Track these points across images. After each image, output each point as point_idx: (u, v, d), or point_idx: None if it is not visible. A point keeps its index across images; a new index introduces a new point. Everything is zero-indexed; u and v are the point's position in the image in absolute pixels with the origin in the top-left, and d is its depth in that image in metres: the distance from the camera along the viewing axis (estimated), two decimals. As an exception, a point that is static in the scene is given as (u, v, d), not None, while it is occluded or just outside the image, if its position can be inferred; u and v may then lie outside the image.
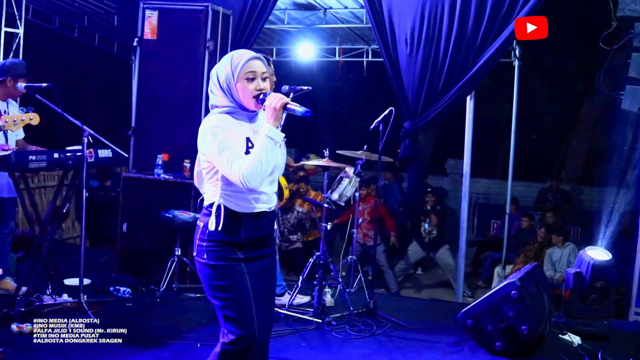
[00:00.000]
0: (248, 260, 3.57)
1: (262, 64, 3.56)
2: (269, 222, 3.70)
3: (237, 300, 3.52)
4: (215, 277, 3.55)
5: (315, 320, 6.13)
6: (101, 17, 12.53)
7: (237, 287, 3.53)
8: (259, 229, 3.62)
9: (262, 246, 3.67)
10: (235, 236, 3.54)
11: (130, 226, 7.45)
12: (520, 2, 7.19)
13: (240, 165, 3.38)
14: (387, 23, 7.74)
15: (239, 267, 3.54)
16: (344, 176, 6.54)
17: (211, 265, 3.54)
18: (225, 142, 3.44)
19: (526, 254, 11.09)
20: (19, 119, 5.47)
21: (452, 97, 7.51)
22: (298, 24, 11.79)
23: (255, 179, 3.39)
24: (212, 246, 3.54)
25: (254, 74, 3.50)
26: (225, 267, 3.53)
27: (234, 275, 3.53)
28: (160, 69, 7.47)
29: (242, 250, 3.56)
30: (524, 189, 14.72)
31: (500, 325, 5.50)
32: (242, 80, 3.50)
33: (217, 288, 3.55)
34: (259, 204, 3.58)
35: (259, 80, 3.51)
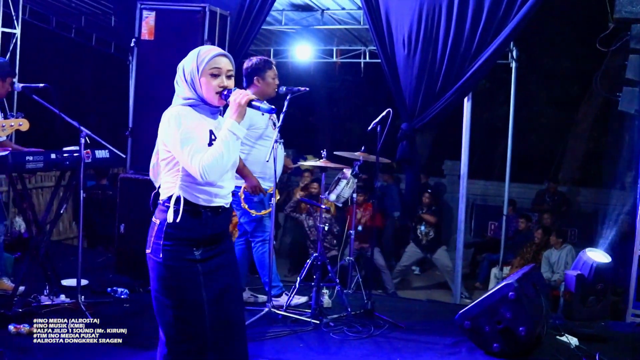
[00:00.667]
0: (204, 260, 3.54)
1: (228, 61, 3.57)
2: (225, 218, 3.70)
3: (189, 302, 3.49)
4: (168, 277, 3.50)
5: (313, 321, 6.12)
6: (98, 18, 12.53)
7: (190, 288, 3.50)
8: (216, 225, 3.60)
9: (217, 242, 3.63)
10: (194, 231, 3.50)
11: (128, 227, 7.44)
12: (517, 4, 7.19)
13: (202, 158, 3.37)
14: (384, 24, 7.74)
15: (194, 268, 3.51)
16: (342, 177, 6.53)
17: (166, 265, 3.49)
18: (189, 133, 3.43)
19: (523, 256, 11.12)
20: (7, 124, 5.46)
21: (450, 99, 7.51)
22: (295, 25, 11.80)
23: (215, 172, 3.39)
24: (168, 245, 3.49)
25: (218, 70, 3.52)
26: (180, 268, 3.49)
27: (188, 276, 3.50)
28: (158, 70, 7.45)
29: (199, 248, 3.52)
30: (521, 190, 14.76)
31: (498, 327, 5.50)
32: (207, 75, 3.51)
33: (169, 288, 3.51)
34: (218, 198, 3.58)
35: (223, 77, 3.53)
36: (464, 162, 8.18)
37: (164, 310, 3.52)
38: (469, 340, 5.78)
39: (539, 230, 11.30)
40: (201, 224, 3.52)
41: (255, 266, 6.68)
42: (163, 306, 3.52)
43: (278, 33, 12.68)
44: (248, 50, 8.23)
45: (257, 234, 6.50)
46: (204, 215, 3.53)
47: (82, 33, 13.44)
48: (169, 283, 3.50)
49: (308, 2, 10.73)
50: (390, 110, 6.42)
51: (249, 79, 6.39)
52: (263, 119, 6.31)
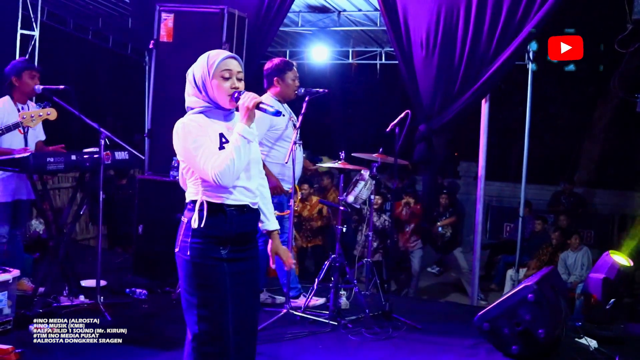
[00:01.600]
0: (230, 260, 3.58)
1: (237, 63, 3.61)
2: (253, 218, 3.73)
3: (215, 300, 3.53)
4: (195, 275, 3.54)
5: (331, 323, 6.13)
6: (115, 20, 12.57)
7: (216, 287, 3.54)
8: (242, 224, 3.63)
9: (246, 244, 3.68)
10: (219, 229, 3.55)
11: (146, 228, 7.47)
12: (536, 6, 7.17)
13: (214, 163, 3.42)
14: (402, 25, 7.73)
15: (221, 267, 3.55)
16: (360, 179, 6.54)
17: (193, 262, 3.54)
18: (198, 141, 3.48)
19: (539, 258, 11.09)
20: (36, 114, 5.51)
21: (468, 100, 7.49)
22: (312, 27, 11.79)
23: (228, 176, 3.43)
24: (196, 243, 3.54)
25: (229, 72, 3.56)
26: (207, 266, 3.54)
27: (215, 274, 3.54)
28: (176, 72, 7.42)
29: (226, 247, 3.57)
30: (537, 191, 14.69)
31: (517, 329, 5.48)
32: (218, 77, 3.55)
33: (196, 286, 3.54)
34: (241, 196, 3.61)
35: (234, 79, 3.57)
36: (482, 163, 8.15)
37: (190, 308, 3.55)
38: (488, 342, 5.76)
39: (555, 232, 11.26)
40: (226, 221, 3.55)
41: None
42: (190, 304, 3.56)
43: (294, 35, 12.68)
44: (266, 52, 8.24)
45: (275, 236, 6.49)
46: (229, 214, 3.56)
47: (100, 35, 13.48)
48: (196, 281, 3.54)
49: (324, 3, 10.73)
50: (409, 112, 6.41)
51: (269, 80, 6.42)
52: (283, 119, 6.34)
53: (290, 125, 6.39)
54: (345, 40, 13.20)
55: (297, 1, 9.74)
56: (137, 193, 7.69)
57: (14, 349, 4.89)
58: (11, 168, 5.67)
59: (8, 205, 6.27)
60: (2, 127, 5.47)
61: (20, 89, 6.26)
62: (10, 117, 6.09)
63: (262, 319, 5.77)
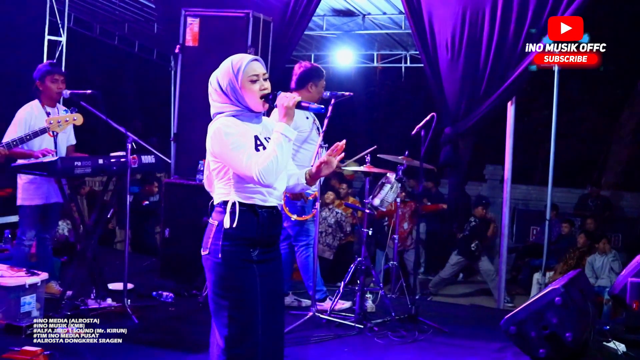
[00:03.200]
0: (260, 262, 3.60)
1: (261, 65, 3.65)
2: (279, 220, 3.77)
3: (246, 302, 3.53)
4: (226, 278, 3.55)
5: (357, 326, 6.11)
6: (141, 25, 12.68)
7: (247, 288, 3.55)
8: (271, 225, 3.66)
9: (272, 246, 3.71)
10: (251, 231, 3.57)
11: (173, 231, 7.51)
12: (562, 7, 7.14)
13: (257, 162, 3.43)
14: (427, 28, 7.73)
15: (251, 270, 3.57)
16: (386, 182, 6.52)
17: (225, 265, 3.54)
18: (238, 141, 3.51)
19: (566, 261, 11.01)
20: (62, 119, 5.55)
21: (494, 103, 7.47)
22: (336, 30, 11.83)
23: (271, 174, 3.45)
24: (227, 245, 3.54)
25: (256, 75, 3.59)
26: (238, 268, 3.55)
27: (246, 276, 3.56)
28: (202, 76, 7.42)
29: (256, 249, 3.58)
30: (564, 195, 14.58)
31: (544, 332, 5.44)
32: (246, 82, 3.57)
33: (227, 288, 3.55)
34: (272, 197, 3.65)
35: (262, 81, 3.60)
36: (508, 166, 8.10)
37: (220, 311, 3.55)
38: (515, 346, 5.71)
39: (582, 235, 11.18)
40: (258, 223, 3.58)
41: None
42: (220, 307, 3.55)
43: (319, 38, 12.71)
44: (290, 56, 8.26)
45: (300, 238, 6.52)
46: (261, 215, 3.58)
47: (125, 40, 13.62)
48: (227, 283, 3.55)
49: (349, 7, 10.76)
50: (435, 115, 6.39)
51: (302, 83, 6.39)
52: (307, 122, 6.35)
53: (314, 128, 6.41)
54: (370, 44, 13.22)
55: (322, 5, 9.76)
56: (163, 197, 7.73)
57: (42, 351, 4.92)
58: (39, 172, 5.72)
59: (38, 208, 6.33)
60: (30, 132, 5.52)
61: (45, 93, 6.30)
62: (38, 121, 6.14)
63: (288, 322, 5.76)
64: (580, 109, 18.11)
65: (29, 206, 6.28)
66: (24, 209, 6.32)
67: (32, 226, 6.35)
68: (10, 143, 5.26)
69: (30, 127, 6.10)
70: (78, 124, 5.73)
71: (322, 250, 10.65)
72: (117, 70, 16.50)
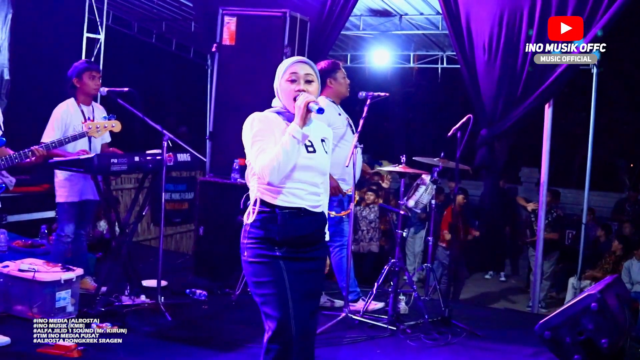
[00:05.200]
0: (287, 258, 3.56)
1: (307, 66, 3.68)
2: (312, 222, 3.68)
3: (275, 296, 3.52)
4: (254, 274, 3.58)
5: (389, 328, 6.09)
6: (178, 24, 12.75)
7: (274, 283, 3.53)
8: (300, 227, 3.61)
9: (304, 247, 3.65)
10: (272, 232, 3.55)
11: (207, 229, 7.54)
12: (602, 8, 7.05)
13: (262, 158, 3.47)
14: (464, 29, 7.67)
15: (277, 264, 3.54)
16: (420, 183, 6.50)
17: (251, 261, 3.58)
18: (260, 135, 3.55)
19: (602, 266, 10.88)
20: (101, 125, 5.59)
21: (531, 105, 7.39)
22: (373, 30, 11.79)
23: (273, 173, 3.44)
24: (251, 243, 3.58)
25: (295, 75, 3.63)
26: (264, 263, 3.55)
27: (272, 271, 3.54)
28: (238, 75, 7.54)
29: (282, 248, 3.56)
30: (601, 198, 14.44)
31: (579, 338, 5.37)
32: (286, 82, 3.64)
33: (257, 285, 3.58)
34: (297, 199, 3.59)
35: (301, 82, 3.63)
36: (545, 169, 8.01)
37: (260, 306, 3.59)
38: (549, 351, 5.64)
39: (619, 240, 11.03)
40: (280, 225, 3.55)
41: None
42: (258, 303, 3.60)
43: (355, 38, 12.68)
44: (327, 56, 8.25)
45: (335, 239, 6.51)
46: (281, 217, 3.55)
47: (163, 38, 13.69)
48: (254, 280, 3.59)
49: (386, 7, 10.72)
50: (471, 117, 6.35)
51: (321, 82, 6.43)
52: (340, 119, 6.37)
53: (347, 127, 6.41)
54: (407, 44, 13.16)
55: (359, 5, 9.74)
56: (198, 195, 7.76)
57: (76, 346, 4.96)
58: (75, 169, 5.79)
59: (75, 204, 6.39)
60: (70, 136, 5.56)
61: (82, 90, 6.36)
62: (74, 119, 6.21)
63: (321, 322, 5.77)
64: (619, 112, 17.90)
65: (67, 203, 6.36)
66: (62, 205, 6.39)
67: (70, 222, 6.42)
68: (49, 145, 5.30)
69: (67, 125, 6.17)
70: (116, 131, 5.78)
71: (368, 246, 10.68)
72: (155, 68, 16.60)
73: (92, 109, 6.47)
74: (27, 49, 8.07)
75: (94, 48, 9.32)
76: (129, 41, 13.35)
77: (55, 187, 6.40)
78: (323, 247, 3.80)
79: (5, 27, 7.84)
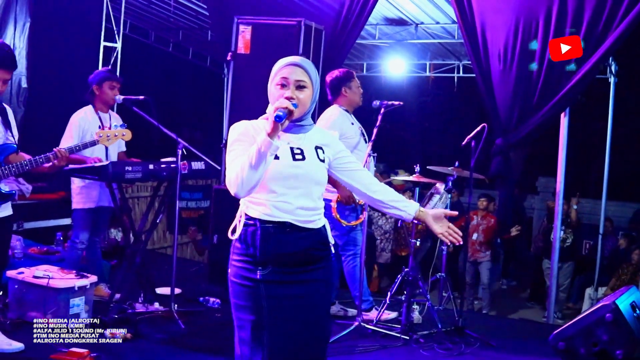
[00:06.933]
0: (270, 282, 3.20)
1: (300, 70, 3.32)
2: (300, 239, 3.28)
3: (252, 323, 3.18)
4: (234, 295, 3.28)
5: (402, 337, 6.07)
6: (195, 32, 12.82)
7: (252, 309, 3.19)
8: (280, 245, 3.23)
9: (293, 267, 3.27)
10: (254, 248, 3.21)
11: (221, 238, 7.55)
12: (618, 18, 7.02)
13: (230, 171, 3.17)
14: (480, 38, 7.65)
15: (256, 289, 3.20)
16: (435, 192, 6.49)
17: (232, 281, 3.28)
18: (235, 144, 3.26)
19: (619, 277, 10.82)
20: (112, 134, 5.61)
21: (547, 114, 7.35)
22: (389, 39, 11.79)
23: (238, 186, 3.10)
24: (235, 260, 3.29)
25: (285, 80, 3.28)
26: (244, 286, 3.22)
27: (250, 296, 3.20)
28: (253, 83, 7.51)
29: (266, 267, 3.21)
30: (618, 208, 14.36)
31: (594, 349, 5.33)
32: (275, 86, 3.32)
33: (235, 306, 3.27)
34: (281, 212, 3.23)
35: (292, 88, 3.27)
36: (561, 179, 7.97)
37: (235, 327, 3.33)
38: (563, 362, 5.63)
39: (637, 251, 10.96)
40: (262, 240, 3.22)
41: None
42: (235, 323, 3.33)
43: (371, 47, 12.70)
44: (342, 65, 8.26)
45: (348, 248, 6.51)
46: (262, 231, 3.22)
47: (179, 47, 13.78)
48: (233, 301, 3.28)
49: (402, 16, 10.73)
50: (486, 126, 6.33)
51: (335, 91, 6.51)
52: (353, 128, 6.39)
53: (360, 136, 6.43)
54: (423, 53, 13.17)
55: (375, 14, 9.75)
56: (212, 203, 7.78)
57: (89, 353, 4.98)
58: (90, 176, 5.84)
59: (90, 211, 6.44)
60: (80, 143, 5.59)
61: (100, 98, 6.43)
62: (91, 126, 6.27)
63: (334, 331, 5.75)
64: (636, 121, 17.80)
65: (82, 209, 6.41)
66: (78, 212, 6.44)
67: (85, 229, 6.47)
68: (72, 148, 5.33)
69: (84, 131, 6.23)
70: (126, 140, 5.78)
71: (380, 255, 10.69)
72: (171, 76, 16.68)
73: (109, 116, 6.52)
74: (45, 58, 8.12)
75: (111, 56, 9.39)
76: (146, 50, 13.44)
77: (72, 194, 6.46)
78: (322, 268, 3.38)
79: (23, 36, 7.91)
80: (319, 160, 3.36)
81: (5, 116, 4.99)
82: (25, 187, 6.73)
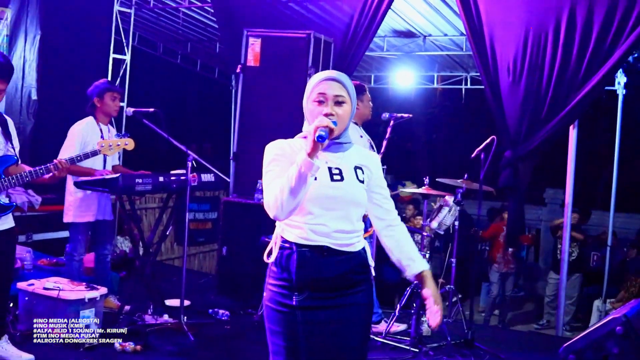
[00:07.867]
0: (306, 308, 3.08)
1: (338, 85, 3.15)
2: (338, 263, 3.12)
3: (287, 349, 3.08)
4: (269, 319, 3.16)
5: (412, 350, 6.05)
6: (204, 44, 12.88)
7: (287, 335, 3.09)
8: (318, 269, 3.10)
9: (332, 291, 3.12)
10: (290, 272, 3.09)
11: (230, 250, 7.56)
12: (627, 31, 7.02)
13: (268, 193, 3.05)
14: (489, 50, 7.65)
15: (291, 316, 3.09)
16: (444, 204, 6.49)
17: (267, 305, 3.18)
18: (272, 165, 3.13)
19: (628, 289, 10.77)
20: (114, 143, 5.62)
21: (556, 126, 7.34)
22: (397, 51, 11.83)
23: (277, 209, 2.99)
24: (271, 284, 3.17)
25: (323, 96, 3.11)
26: (277, 311, 3.12)
27: (285, 322, 3.09)
28: (262, 96, 7.59)
29: (302, 293, 3.08)
30: (626, 220, 14.30)
31: (604, 362, 5.32)
32: (312, 102, 3.15)
33: (270, 331, 3.16)
34: (318, 236, 3.09)
35: (331, 104, 3.11)
36: (569, 191, 7.96)
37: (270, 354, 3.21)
38: (573, 375, 5.61)
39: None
40: (298, 264, 3.09)
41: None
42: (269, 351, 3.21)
43: (379, 59, 12.75)
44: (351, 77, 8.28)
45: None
46: (299, 254, 3.10)
47: (188, 59, 13.84)
48: (268, 325, 3.18)
49: (410, 28, 10.75)
50: (495, 138, 6.34)
51: None
52: (362, 141, 6.41)
53: (370, 149, 6.43)
54: (431, 65, 13.20)
55: (383, 26, 9.77)
56: (221, 215, 7.79)
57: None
58: (100, 188, 5.84)
59: (88, 225, 6.45)
60: (81, 154, 5.59)
61: (102, 110, 6.46)
62: (93, 137, 6.26)
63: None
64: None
65: (81, 223, 6.39)
66: (76, 225, 6.42)
67: (83, 242, 6.47)
68: (74, 158, 5.34)
69: (86, 142, 6.23)
70: (129, 149, 5.77)
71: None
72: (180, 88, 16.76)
73: (109, 128, 6.56)
74: (54, 70, 8.17)
75: (120, 68, 9.43)
76: (154, 62, 13.50)
77: (67, 207, 6.42)
78: (362, 292, 3.20)
79: (34, 48, 7.96)
80: (358, 181, 3.21)
81: (6, 127, 4.97)
82: (34, 198, 6.76)
